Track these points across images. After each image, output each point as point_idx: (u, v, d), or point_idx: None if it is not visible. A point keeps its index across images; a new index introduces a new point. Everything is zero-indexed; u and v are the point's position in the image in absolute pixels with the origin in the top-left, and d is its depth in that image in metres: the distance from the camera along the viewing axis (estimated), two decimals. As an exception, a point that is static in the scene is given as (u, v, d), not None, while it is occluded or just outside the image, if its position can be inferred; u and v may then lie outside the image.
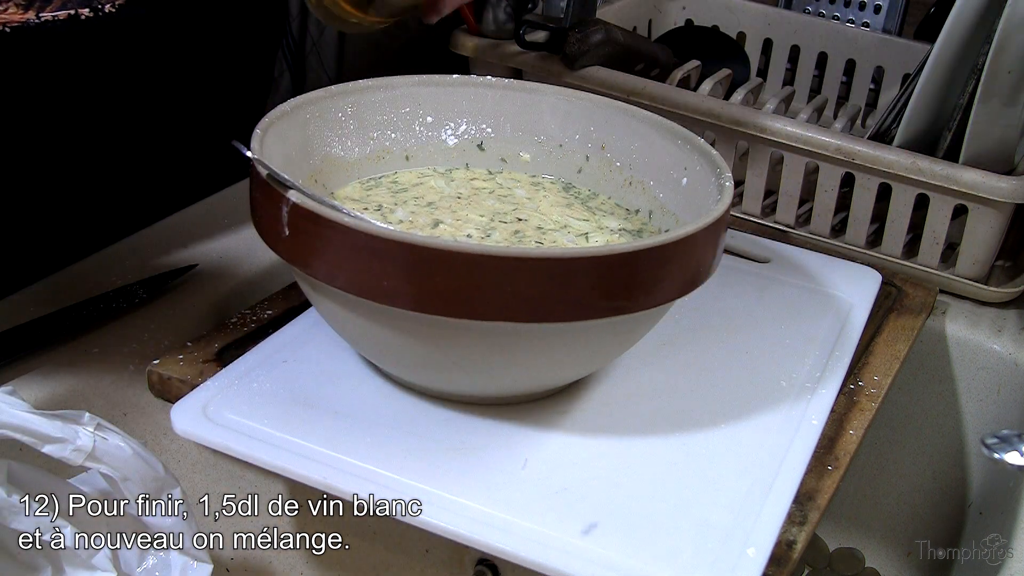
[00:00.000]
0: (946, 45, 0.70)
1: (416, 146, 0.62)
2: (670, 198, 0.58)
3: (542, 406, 0.54)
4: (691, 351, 0.60)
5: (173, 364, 0.56)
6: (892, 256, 0.76)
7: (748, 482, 0.51)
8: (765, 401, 0.56)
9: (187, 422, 0.51)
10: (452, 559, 0.64)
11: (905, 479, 0.77)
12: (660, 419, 0.55)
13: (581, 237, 0.56)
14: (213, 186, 0.79)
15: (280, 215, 0.47)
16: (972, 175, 0.71)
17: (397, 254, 0.44)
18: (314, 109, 0.57)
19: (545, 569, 0.45)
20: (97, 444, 0.46)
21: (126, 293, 0.64)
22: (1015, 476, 0.64)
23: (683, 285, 0.49)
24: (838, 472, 0.53)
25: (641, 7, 1.02)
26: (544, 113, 0.62)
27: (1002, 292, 0.75)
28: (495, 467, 0.50)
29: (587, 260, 0.45)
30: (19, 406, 0.45)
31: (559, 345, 0.49)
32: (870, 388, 0.60)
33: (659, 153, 0.59)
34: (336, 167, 0.58)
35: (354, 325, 0.50)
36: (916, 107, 0.72)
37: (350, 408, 0.53)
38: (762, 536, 0.48)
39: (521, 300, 0.45)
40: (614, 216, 0.59)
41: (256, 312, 0.60)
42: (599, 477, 0.50)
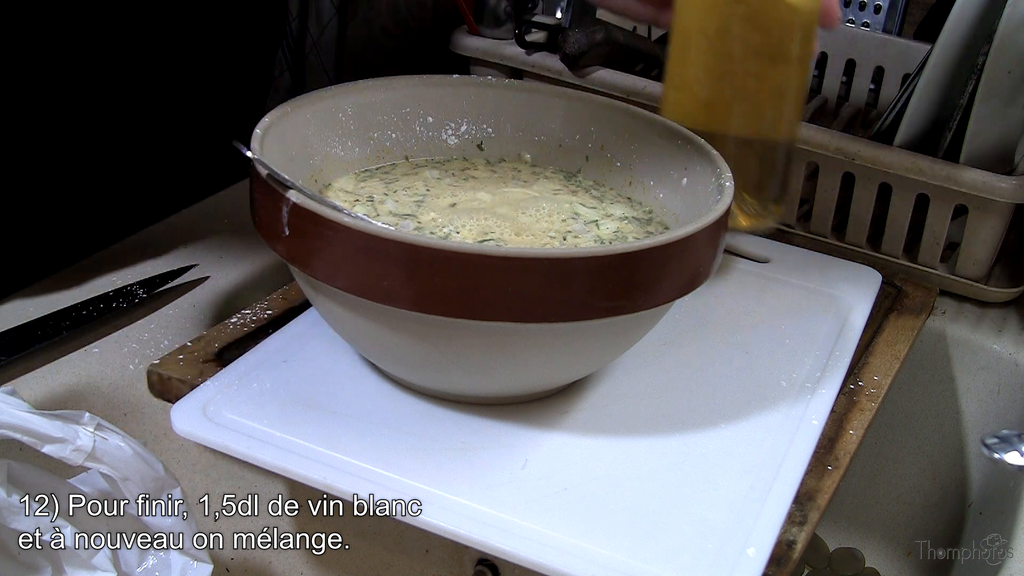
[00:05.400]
0: (946, 45, 0.70)
1: (416, 146, 0.62)
2: (670, 198, 0.58)
3: (542, 406, 0.54)
4: (691, 351, 0.60)
5: (173, 364, 0.55)
6: (892, 256, 0.76)
7: (748, 482, 0.51)
8: (765, 401, 0.56)
9: (187, 422, 0.51)
10: (452, 559, 0.64)
11: (905, 479, 0.77)
12: (660, 419, 0.55)
13: (591, 224, 0.56)
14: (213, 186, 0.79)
15: (280, 215, 0.47)
16: (972, 175, 0.71)
17: (397, 254, 0.44)
18: (315, 109, 0.57)
19: (545, 569, 0.45)
20: (97, 444, 0.46)
21: (126, 293, 0.64)
22: (1015, 476, 0.64)
23: (683, 285, 0.49)
24: (838, 472, 0.53)
25: (641, 7, 1.02)
26: (544, 113, 0.62)
27: (1002, 292, 0.75)
28: (495, 467, 0.50)
29: (587, 260, 0.45)
30: (19, 406, 0.45)
31: (559, 345, 0.49)
32: (870, 388, 0.60)
33: (659, 153, 0.59)
34: (336, 167, 0.58)
35: (354, 325, 0.50)
36: (916, 107, 0.72)
37: (350, 408, 0.53)
38: (762, 536, 0.48)
39: (521, 300, 0.45)
40: (619, 204, 0.59)
41: (256, 312, 0.60)
42: (599, 477, 0.50)
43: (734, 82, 0.60)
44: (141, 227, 0.73)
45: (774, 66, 0.60)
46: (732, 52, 0.60)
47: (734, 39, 0.60)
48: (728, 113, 0.61)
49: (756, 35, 0.59)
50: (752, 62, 0.60)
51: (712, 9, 0.60)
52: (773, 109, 0.62)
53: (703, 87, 0.61)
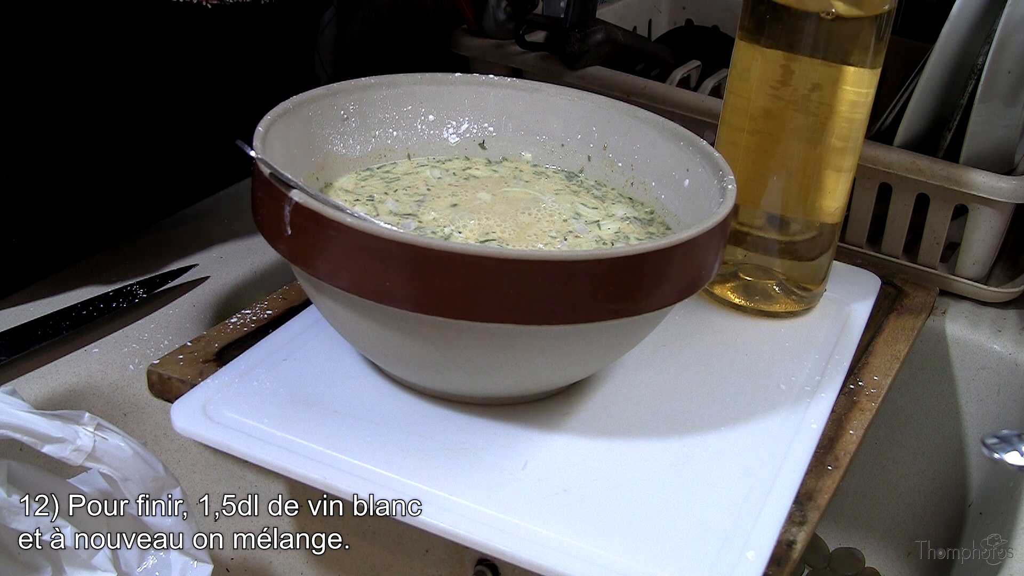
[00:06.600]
0: (946, 45, 0.70)
1: (418, 144, 0.61)
2: (672, 199, 0.58)
3: (542, 407, 0.54)
4: (691, 353, 0.60)
5: (173, 364, 0.55)
6: (892, 256, 0.76)
7: (747, 485, 0.51)
8: (764, 404, 0.56)
9: (187, 420, 0.51)
10: (452, 559, 0.64)
11: (905, 479, 0.77)
12: (660, 421, 0.55)
13: (593, 224, 0.56)
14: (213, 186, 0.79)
15: (283, 214, 0.47)
16: (972, 175, 0.71)
17: (399, 255, 0.44)
18: (316, 107, 0.57)
19: (544, 570, 0.45)
20: (97, 444, 0.46)
21: (126, 293, 0.64)
22: (1015, 476, 0.64)
23: (685, 288, 0.49)
24: (838, 472, 0.53)
25: (641, 7, 1.02)
26: (546, 112, 0.62)
27: (1002, 292, 0.75)
28: (495, 467, 0.50)
29: (589, 263, 0.45)
30: (19, 406, 0.45)
31: (560, 347, 0.49)
32: (870, 388, 0.60)
33: (661, 154, 0.59)
34: (338, 165, 0.58)
35: (355, 325, 0.50)
36: (916, 107, 0.72)
37: (350, 407, 0.53)
38: (761, 539, 0.48)
39: (522, 302, 0.45)
40: (621, 204, 0.59)
41: (256, 312, 0.60)
42: (599, 478, 0.50)
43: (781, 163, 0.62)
44: (141, 227, 0.73)
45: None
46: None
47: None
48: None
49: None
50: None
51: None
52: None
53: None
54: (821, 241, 0.64)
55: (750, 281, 0.65)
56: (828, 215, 0.63)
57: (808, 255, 0.64)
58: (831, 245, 0.65)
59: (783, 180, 0.62)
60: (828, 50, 0.59)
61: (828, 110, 0.60)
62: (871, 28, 0.59)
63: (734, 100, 0.63)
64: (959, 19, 0.69)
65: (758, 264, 0.65)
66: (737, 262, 0.65)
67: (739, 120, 0.62)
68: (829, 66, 0.59)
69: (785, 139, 0.61)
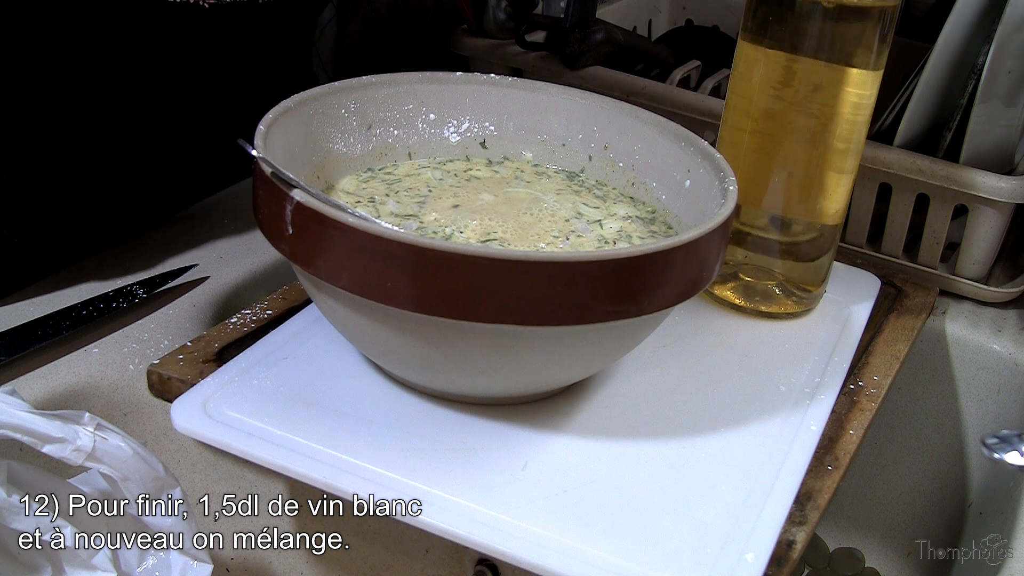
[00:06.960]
0: (946, 45, 0.70)
1: (419, 143, 0.61)
2: (673, 200, 0.58)
3: (543, 407, 0.54)
4: (691, 354, 0.60)
5: (173, 364, 0.55)
6: (892, 256, 0.76)
7: (747, 487, 0.51)
8: (764, 406, 0.56)
9: (187, 419, 0.51)
10: (452, 559, 0.64)
11: (905, 479, 0.77)
12: (660, 422, 0.55)
13: (595, 224, 0.56)
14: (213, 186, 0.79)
15: (284, 213, 0.47)
16: (972, 175, 0.71)
17: (400, 255, 0.44)
18: (317, 105, 0.57)
19: (544, 571, 0.45)
20: (97, 444, 0.45)
21: (126, 293, 0.64)
22: (1015, 476, 0.64)
23: (686, 289, 0.49)
24: (838, 472, 0.53)
25: (641, 7, 1.02)
26: (547, 112, 0.62)
27: (1002, 292, 0.75)
28: (495, 468, 0.50)
29: (590, 264, 0.45)
30: (19, 406, 0.45)
31: (561, 348, 0.49)
32: (870, 388, 0.60)
33: (662, 155, 0.59)
34: (339, 164, 0.58)
35: (356, 324, 0.50)
36: (916, 107, 0.72)
37: (350, 407, 0.53)
38: (761, 541, 0.48)
39: (524, 303, 0.45)
40: (623, 204, 0.59)
41: (256, 312, 0.60)
42: (599, 479, 0.50)
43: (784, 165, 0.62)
44: (141, 227, 0.72)
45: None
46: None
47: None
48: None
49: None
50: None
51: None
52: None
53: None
54: (822, 242, 0.64)
55: (750, 282, 0.65)
56: (829, 216, 0.63)
57: (809, 256, 0.64)
58: (832, 246, 0.65)
59: (784, 181, 0.62)
60: (831, 51, 0.59)
61: (830, 112, 0.60)
62: (874, 28, 0.59)
63: (736, 100, 0.63)
64: (959, 19, 0.69)
65: (759, 265, 0.65)
66: (738, 263, 0.65)
67: (741, 121, 0.62)
68: (832, 67, 0.59)
69: (787, 140, 0.61)
